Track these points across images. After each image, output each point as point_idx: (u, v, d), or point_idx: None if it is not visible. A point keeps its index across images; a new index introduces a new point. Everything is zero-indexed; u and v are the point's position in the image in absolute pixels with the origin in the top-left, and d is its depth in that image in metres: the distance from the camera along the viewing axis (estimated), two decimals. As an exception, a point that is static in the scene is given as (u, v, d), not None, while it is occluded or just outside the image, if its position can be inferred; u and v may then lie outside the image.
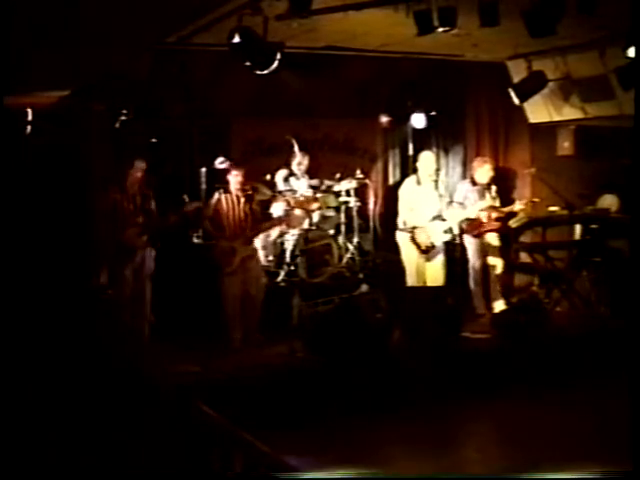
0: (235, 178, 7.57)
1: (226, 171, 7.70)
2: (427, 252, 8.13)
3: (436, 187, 8.28)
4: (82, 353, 6.48)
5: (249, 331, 7.47)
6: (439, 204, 8.25)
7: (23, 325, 6.63)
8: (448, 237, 8.30)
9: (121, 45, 6.70)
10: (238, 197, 7.57)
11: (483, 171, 8.68)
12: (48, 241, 7.55)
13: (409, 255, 8.21)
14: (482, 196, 8.60)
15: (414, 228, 8.14)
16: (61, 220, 7.71)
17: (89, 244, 7.86)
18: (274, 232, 8.29)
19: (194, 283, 7.81)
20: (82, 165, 7.99)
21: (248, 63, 6.47)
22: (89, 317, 7.12)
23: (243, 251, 7.44)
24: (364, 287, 8.47)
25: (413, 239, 8.14)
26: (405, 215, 8.22)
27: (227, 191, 7.57)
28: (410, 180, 8.41)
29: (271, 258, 8.15)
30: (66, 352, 6.48)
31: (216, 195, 7.57)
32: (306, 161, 8.81)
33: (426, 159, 8.34)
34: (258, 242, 7.91)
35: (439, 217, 8.21)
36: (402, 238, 8.27)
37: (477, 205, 8.49)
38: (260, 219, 7.70)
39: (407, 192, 8.30)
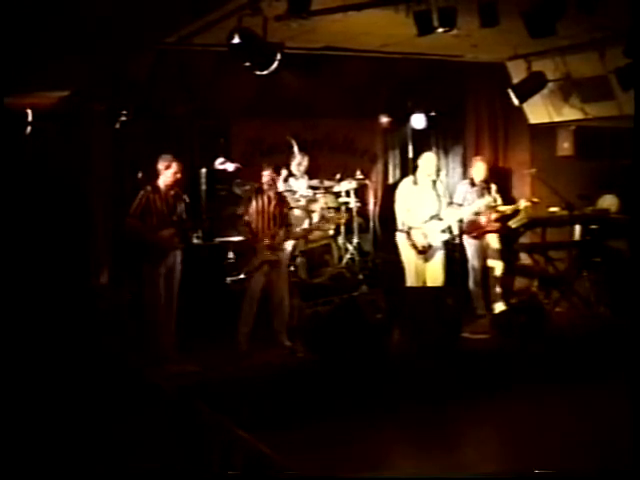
0: (268, 178, 7.34)
1: (259, 170, 7.49)
2: (424, 252, 8.09)
3: (434, 187, 8.25)
4: (82, 352, 6.49)
5: (277, 335, 7.35)
6: (436, 204, 8.22)
7: (24, 324, 6.64)
8: (446, 237, 8.29)
9: (121, 45, 6.70)
10: (270, 198, 7.37)
11: (477, 169, 8.74)
12: (48, 241, 7.56)
13: (408, 256, 8.19)
14: (481, 196, 8.62)
15: (410, 228, 8.12)
16: (61, 220, 7.71)
17: (89, 244, 7.88)
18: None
19: (195, 284, 7.81)
20: (82, 165, 8.00)
21: (248, 63, 6.47)
22: (89, 316, 7.13)
23: (265, 255, 7.22)
24: (364, 287, 8.47)
25: (410, 239, 8.13)
26: (402, 216, 8.19)
27: (260, 191, 7.39)
28: (407, 181, 8.37)
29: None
30: (66, 351, 6.49)
31: (250, 195, 7.42)
32: (305, 161, 8.81)
33: (427, 160, 8.29)
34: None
35: (436, 217, 8.19)
36: (401, 239, 8.25)
37: (475, 203, 8.49)
38: (289, 224, 7.51)
39: (404, 193, 8.27)
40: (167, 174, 6.88)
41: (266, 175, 7.36)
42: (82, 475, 4.84)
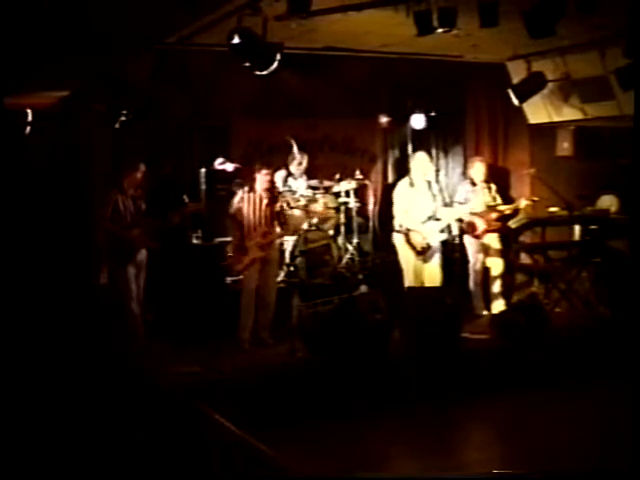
0: (264, 177, 7.46)
1: (253, 170, 7.58)
2: (423, 253, 8.09)
3: (429, 187, 8.23)
4: (82, 351, 6.49)
5: (260, 331, 7.45)
6: (433, 204, 8.21)
7: (24, 324, 6.65)
8: (444, 237, 8.29)
9: (121, 45, 6.70)
10: (262, 198, 7.48)
11: (476, 169, 8.74)
12: (48, 241, 7.57)
13: (406, 256, 8.18)
14: (482, 195, 8.62)
15: (409, 230, 8.10)
16: (61, 220, 7.72)
17: (89, 244, 7.88)
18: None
19: (194, 284, 7.81)
20: (82, 165, 8.00)
21: (248, 64, 6.47)
22: (89, 316, 7.14)
23: (255, 252, 7.36)
24: (363, 287, 8.47)
25: (408, 241, 8.12)
26: (400, 217, 8.18)
27: (252, 190, 7.47)
28: (403, 182, 8.34)
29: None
30: (66, 350, 6.49)
31: (240, 193, 7.48)
32: (305, 161, 8.81)
33: (420, 160, 8.27)
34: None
35: (433, 217, 8.19)
36: (398, 239, 8.24)
37: (474, 201, 8.48)
38: (285, 222, 7.64)
39: (401, 194, 8.25)
40: (129, 175, 7.25)
41: (263, 174, 7.44)
42: (82, 475, 4.84)
